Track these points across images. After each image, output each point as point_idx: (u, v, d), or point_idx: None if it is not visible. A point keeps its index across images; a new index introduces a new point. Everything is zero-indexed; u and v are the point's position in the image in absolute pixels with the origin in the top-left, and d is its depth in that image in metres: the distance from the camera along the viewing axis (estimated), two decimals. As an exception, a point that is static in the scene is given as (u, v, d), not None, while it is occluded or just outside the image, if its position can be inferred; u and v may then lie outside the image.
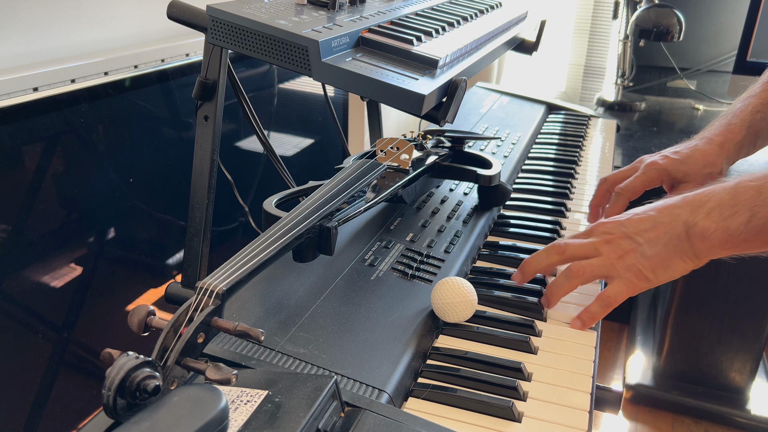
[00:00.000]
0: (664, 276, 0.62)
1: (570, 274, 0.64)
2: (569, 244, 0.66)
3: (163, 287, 0.73)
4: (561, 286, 0.65)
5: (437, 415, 0.52)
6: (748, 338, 1.44)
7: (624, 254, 0.63)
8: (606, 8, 2.01)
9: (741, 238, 0.58)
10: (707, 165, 0.78)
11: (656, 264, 0.62)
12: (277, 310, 0.59)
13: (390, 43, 0.57)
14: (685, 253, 0.61)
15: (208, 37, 0.56)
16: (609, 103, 1.74)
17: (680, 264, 0.62)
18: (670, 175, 0.79)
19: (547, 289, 0.67)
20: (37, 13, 0.77)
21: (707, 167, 0.78)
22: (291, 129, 1.28)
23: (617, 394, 0.74)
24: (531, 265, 0.68)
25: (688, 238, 0.60)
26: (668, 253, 0.61)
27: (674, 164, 0.79)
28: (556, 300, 0.66)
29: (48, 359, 0.77)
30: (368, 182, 0.68)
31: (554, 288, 0.66)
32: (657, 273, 0.62)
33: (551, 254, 0.67)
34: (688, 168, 0.79)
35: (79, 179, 0.79)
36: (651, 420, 1.55)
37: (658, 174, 0.80)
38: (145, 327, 0.43)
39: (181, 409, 0.35)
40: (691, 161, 0.79)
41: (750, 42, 1.39)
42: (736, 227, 0.58)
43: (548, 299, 0.66)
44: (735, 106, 0.83)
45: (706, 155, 0.79)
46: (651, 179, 0.80)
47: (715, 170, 0.79)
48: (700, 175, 0.78)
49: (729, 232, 0.59)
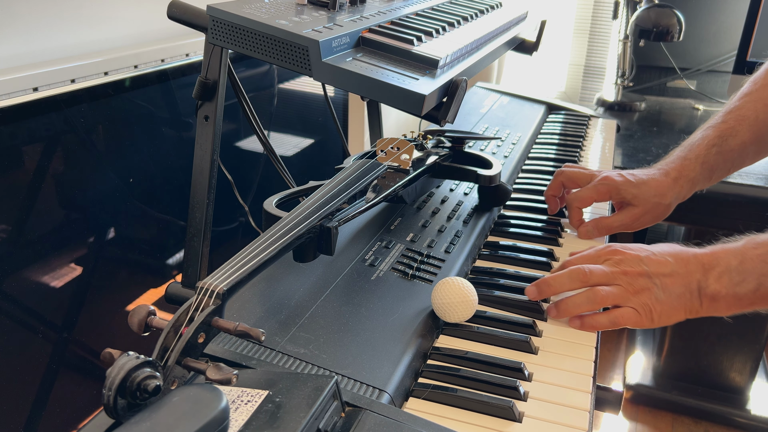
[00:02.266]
0: (665, 321, 0.66)
1: (594, 299, 0.66)
2: (593, 272, 0.67)
3: (163, 287, 0.73)
4: (580, 306, 0.66)
5: (438, 415, 0.52)
6: (748, 338, 1.44)
7: (640, 290, 0.65)
8: (606, 8, 2.01)
9: (748, 302, 0.63)
10: (657, 195, 0.82)
11: (663, 311, 0.65)
12: (278, 310, 0.59)
13: (390, 43, 0.57)
14: (691, 308, 0.65)
15: (208, 37, 0.56)
16: (609, 103, 1.74)
17: (681, 315, 0.65)
18: (620, 194, 0.82)
19: (563, 304, 0.66)
20: (37, 13, 0.77)
21: (657, 197, 0.82)
22: (291, 129, 1.28)
23: (617, 394, 0.75)
24: (552, 288, 0.68)
25: (699, 297, 0.64)
26: (678, 304, 0.65)
27: (627, 185, 0.82)
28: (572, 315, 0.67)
29: (48, 359, 0.77)
30: (368, 182, 0.68)
31: (572, 306, 0.66)
32: (661, 318, 0.65)
33: (575, 280, 0.67)
34: (639, 192, 0.82)
35: (79, 179, 0.79)
36: (651, 420, 1.55)
37: (608, 189, 0.82)
38: (145, 327, 0.43)
39: (182, 409, 0.35)
40: (644, 187, 0.82)
41: (750, 42, 1.39)
42: (744, 294, 0.62)
43: (561, 311, 0.66)
44: (695, 136, 0.86)
45: (659, 185, 0.82)
46: (600, 192, 0.83)
47: (664, 202, 0.82)
48: (649, 202, 0.82)
49: (738, 297, 0.63)
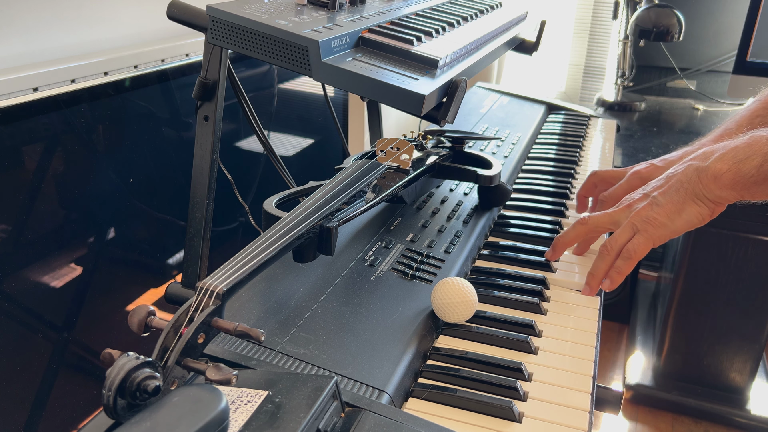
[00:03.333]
0: (679, 221, 0.66)
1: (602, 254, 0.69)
2: (591, 216, 0.72)
3: (163, 287, 0.73)
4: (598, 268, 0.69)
5: (437, 416, 0.52)
6: (748, 338, 1.44)
7: (640, 210, 0.67)
8: (606, 8, 2.01)
9: (751, 180, 0.63)
10: None
11: (670, 210, 0.65)
12: (278, 310, 0.59)
13: (390, 43, 0.57)
14: (696, 195, 0.65)
15: (208, 37, 0.56)
16: (609, 103, 1.74)
17: (693, 207, 0.65)
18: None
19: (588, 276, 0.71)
20: (37, 13, 0.77)
21: None
22: (291, 129, 1.28)
23: (617, 394, 0.75)
24: (561, 240, 0.74)
25: (699, 180, 0.65)
26: (680, 197, 0.65)
27: (658, 172, 0.80)
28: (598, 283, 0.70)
29: (48, 359, 0.77)
30: (368, 182, 0.68)
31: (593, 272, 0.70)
32: (672, 218, 0.66)
33: (576, 227, 0.73)
34: None
35: (79, 179, 0.79)
36: (651, 420, 1.55)
37: (640, 182, 0.80)
38: (145, 327, 0.43)
39: (182, 410, 0.35)
40: None
41: (750, 42, 1.39)
42: (747, 170, 0.62)
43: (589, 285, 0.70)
44: (739, 112, 0.85)
45: None
46: (632, 187, 0.80)
47: None
48: None
49: (741, 173, 0.63)
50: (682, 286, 1.44)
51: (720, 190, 0.64)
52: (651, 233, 0.66)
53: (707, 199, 0.65)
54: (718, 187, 0.64)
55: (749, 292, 1.37)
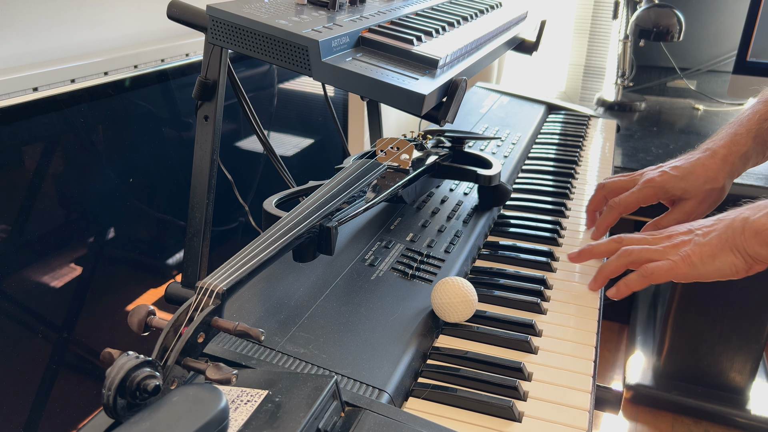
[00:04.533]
0: (711, 266, 0.63)
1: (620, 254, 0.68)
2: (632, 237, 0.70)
3: (163, 287, 0.73)
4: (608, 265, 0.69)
5: (437, 415, 0.52)
6: (748, 338, 1.44)
7: (679, 243, 0.65)
8: (606, 8, 2.01)
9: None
10: (708, 181, 0.78)
11: (705, 251, 0.63)
12: (277, 310, 0.59)
13: (390, 43, 0.57)
14: (736, 246, 0.62)
15: (208, 37, 0.56)
16: (609, 103, 1.74)
17: (729, 257, 0.62)
18: (668, 192, 0.79)
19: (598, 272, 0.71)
20: (37, 13, 0.77)
21: (708, 183, 0.78)
22: (291, 129, 1.28)
23: (617, 394, 0.74)
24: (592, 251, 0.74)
25: (743, 232, 0.61)
26: (720, 243, 0.62)
27: (672, 181, 0.79)
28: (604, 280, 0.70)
29: (48, 359, 0.77)
30: (368, 182, 0.68)
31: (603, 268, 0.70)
32: (704, 261, 0.63)
33: (611, 242, 0.71)
34: (688, 185, 0.78)
35: (79, 179, 0.79)
36: (651, 420, 1.55)
37: (654, 192, 0.79)
38: (145, 327, 0.43)
39: (181, 409, 0.35)
40: (691, 177, 0.78)
41: (750, 42, 1.39)
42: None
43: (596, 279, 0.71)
44: (744, 113, 0.82)
45: (707, 170, 0.78)
46: (646, 196, 0.80)
47: (716, 186, 0.78)
48: (701, 192, 0.78)
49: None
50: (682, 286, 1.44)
51: (760, 247, 0.60)
52: (678, 267, 0.64)
53: (746, 252, 0.61)
54: (758, 243, 0.60)
55: (749, 293, 1.37)
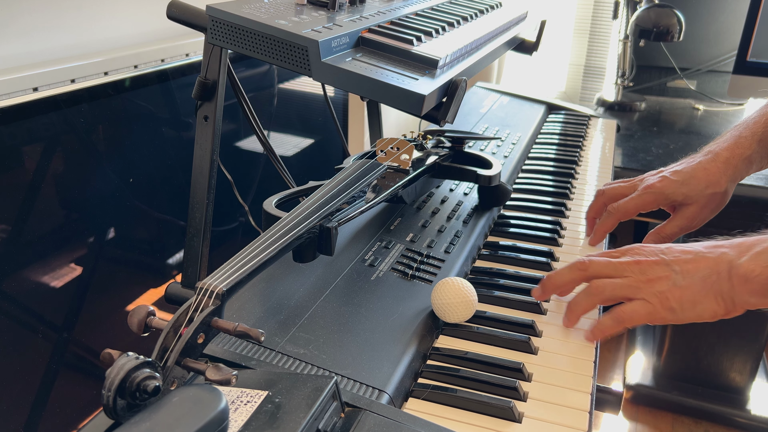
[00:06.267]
0: (690, 312, 0.58)
1: (590, 291, 0.62)
2: (594, 261, 0.63)
3: (163, 287, 0.73)
4: (579, 304, 0.63)
5: (437, 416, 0.52)
6: (748, 338, 1.44)
7: (654, 279, 0.59)
8: (606, 8, 2.01)
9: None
10: (710, 185, 0.75)
11: (686, 297, 0.58)
12: (277, 310, 0.59)
13: (390, 43, 0.56)
14: (720, 293, 0.57)
15: (208, 37, 0.56)
16: (609, 103, 1.74)
17: (711, 304, 0.57)
18: (669, 198, 0.77)
19: (567, 307, 0.65)
20: (37, 13, 0.77)
21: (710, 187, 0.75)
22: (291, 129, 1.28)
23: (617, 395, 0.74)
24: (553, 281, 0.66)
25: (729, 278, 0.56)
26: (703, 288, 0.57)
27: (673, 186, 0.76)
28: (576, 318, 0.64)
29: (48, 359, 0.77)
30: (368, 182, 0.68)
31: (573, 306, 0.64)
32: (684, 307, 0.58)
33: (573, 270, 0.65)
34: (689, 190, 0.76)
35: (79, 179, 0.79)
36: (651, 420, 1.55)
37: (654, 198, 0.77)
38: (145, 327, 0.43)
39: (181, 410, 0.35)
40: (692, 182, 0.76)
41: (750, 42, 1.39)
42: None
43: (568, 317, 0.64)
44: (750, 116, 0.79)
45: (709, 174, 0.76)
46: (646, 202, 0.77)
47: (719, 190, 0.76)
48: (702, 197, 0.76)
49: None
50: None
51: (749, 296, 0.55)
52: (656, 310, 0.58)
53: (732, 301, 0.57)
54: (747, 291, 0.55)
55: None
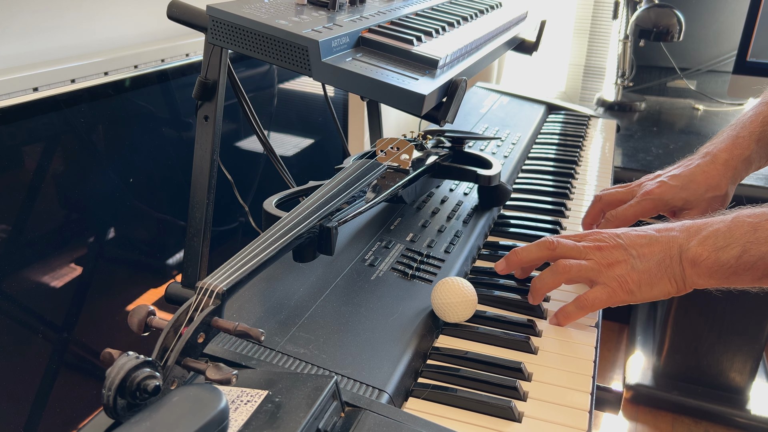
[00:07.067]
0: (647, 293, 0.62)
1: (556, 270, 0.64)
2: (561, 243, 0.66)
3: (163, 287, 0.73)
4: (545, 282, 0.65)
5: (437, 415, 0.52)
6: (748, 338, 1.44)
7: (614, 263, 0.62)
8: (606, 8, 2.01)
9: (730, 271, 0.58)
10: (710, 189, 0.75)
11: (643, 279, 0.61)
12: (277, 310, 0.59)
13: (390, 43, 0.57)
14: (673, 275, 0.61)
15: (208, 37, 0.56)
16: (609, 103, 1.74)
17: (666, 285, 0.61)
18: (668, 204, 0.76)
19: (532, 284, 0.66)
20: (37, 13, 0.77)
21: (710, 191, 0.75)
22: (291, 129, 1.28)
23: (617, 394, 0.74)
24: (519, 256, 0.68)
25: (680, 262, 0.60)
26: (658, 271, 0.61)
27: (672, 192, 0.75)
28: (541, 296, 0.66)
29: (48, 359, 0.77)
30: (368, 182, 0.68)
31: (539, 283, 0.65)
32: (642, 288, 0.61)
33: (542, 248, 0.67)
34: (689, 194, 0.75)
35: (79, 179, 0.79)
36: (651, 420, 1.55)
37: (653, 204, 0.76)
38: (145, 327, 0.43)
39: (181, 409, 0.35)
40: (692, 186, 0.75)
41: (750, 42, 1.39)
42: (726, 260, 0.58)
43: (533, 294, 0.66)
44: (745, 114, 0.78)
45: (709, 177, 0.75)
46: (645, 209, 0.76)
47: (719, 193, 0.75)
48: (703, 201, 0.75)
49: (719, 263, 0.58)
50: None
51: (698, 278, 0.60)
52: (615, 293, 0.62)
53: (683, 281, 0.61)
54: (696, 274, 0.60)
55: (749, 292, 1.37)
